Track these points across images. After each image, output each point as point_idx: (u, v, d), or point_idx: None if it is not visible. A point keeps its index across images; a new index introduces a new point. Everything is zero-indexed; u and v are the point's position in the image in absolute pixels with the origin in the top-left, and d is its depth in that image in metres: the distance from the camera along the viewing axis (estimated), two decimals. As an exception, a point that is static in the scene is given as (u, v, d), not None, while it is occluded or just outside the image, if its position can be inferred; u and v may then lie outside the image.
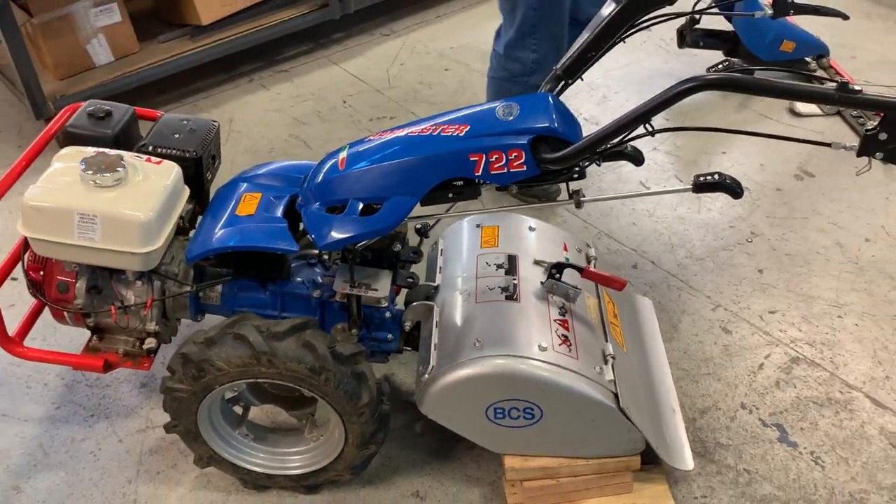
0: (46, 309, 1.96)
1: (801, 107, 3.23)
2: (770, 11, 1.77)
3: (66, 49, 3.13)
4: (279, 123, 3.27)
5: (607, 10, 1.67)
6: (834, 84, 1.31)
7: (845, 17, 1.73)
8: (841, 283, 2.46)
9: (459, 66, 3.64)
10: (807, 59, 3.28)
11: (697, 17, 2.34)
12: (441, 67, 3.64)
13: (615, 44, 1.70)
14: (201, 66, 3.42)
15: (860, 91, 1.29)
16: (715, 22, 3.14)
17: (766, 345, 2.27)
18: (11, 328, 1.87)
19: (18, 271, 1.84)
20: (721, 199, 2.79)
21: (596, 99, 3.32)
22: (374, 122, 3.25)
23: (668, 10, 1.69)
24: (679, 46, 3.18)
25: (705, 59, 3.31)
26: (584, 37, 1.70)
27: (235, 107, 3.38)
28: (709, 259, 2.56)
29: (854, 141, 1.45)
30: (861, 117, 3.13)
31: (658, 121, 1.50)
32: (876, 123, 1.34)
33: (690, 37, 3.15)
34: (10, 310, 1.85)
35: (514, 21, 2.54)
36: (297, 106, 3.39)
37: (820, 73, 3.35)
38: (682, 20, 2.88)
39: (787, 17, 3.34)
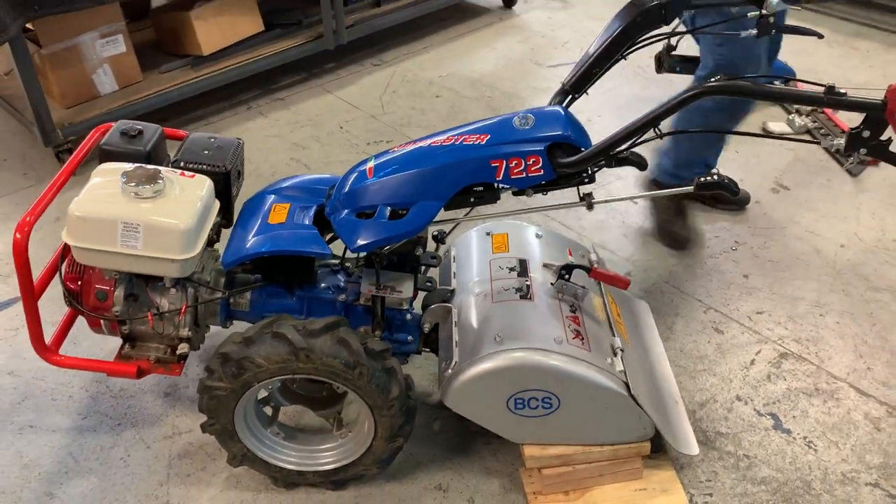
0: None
1: (774, 126, 3.45)
2: (755, 31, 1.95)
3: (73, 78, 3.23)
4: (279, 148, 3.40)
5: (610, 30, 1.84)
6: (822, 88, 1.49)
7: (820, 36, 1.92)
8: (821, 286, 2.63)
9: (450, 93, 3.81)
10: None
11: (674, 43, 2.53)
12: (432, 94, 3.81)
13: (617, 61, 1.87)
14: (202, 94, 3.55)
15: (845, 93, 1.47)
16: (691, 49, 3.34)
17: (756, 342, 2.43)
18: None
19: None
20: (704, 212, 2.97)
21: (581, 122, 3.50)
22: (372, 146, 3.39)
23: (662, 29, 1.87)
24: (657, 72, 3.38)
25: (682, 85, 3.51)
26: (589, 55, 1.87)
27: (236, 133, 3.50)
28: (697, 266, 2.73)
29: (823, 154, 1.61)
30: (829, 135, 3.35)
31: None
32: (860, 123, 1.51)
33: (667, 63, 3.34)
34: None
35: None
36: (295, 131, 3.53)
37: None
38: (660, 46, 3.08)
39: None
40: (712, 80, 1.57)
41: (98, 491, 2.01)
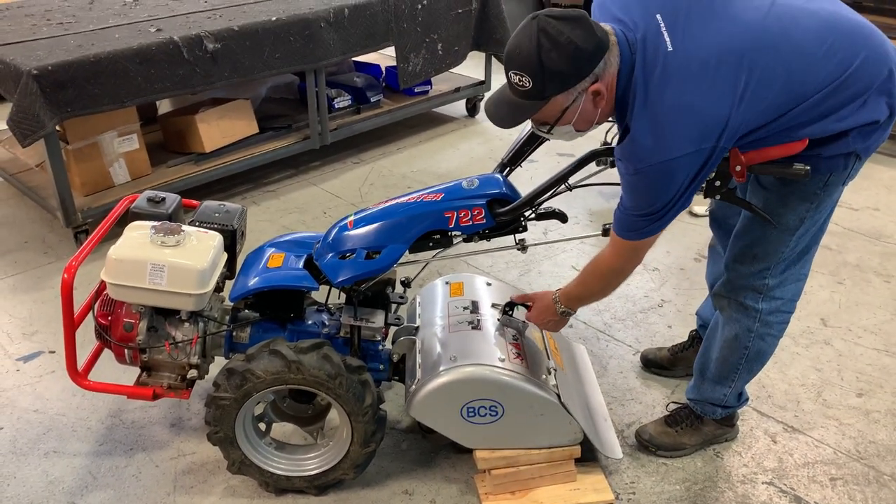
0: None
1: (697, 209, 4.01)
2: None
3: (93, 170, 3.73)
4: (270, 230, 3.88)
5: (536, 117, 2.38)
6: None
7: None
8: (733, 334, 3.10)
9: (420, 185, 4.35)
10: None
11: (609, 141, 3.10)
12: (404, 186, 4.35)
13: (541, 143, 2.39)
14: (202, 185, 4.05)
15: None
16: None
17: (677, 378, 2.86)
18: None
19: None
20: (637, 276, 3.46)
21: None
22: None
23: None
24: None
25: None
26: (520, 138, 2.39)
27: (231, 218, 3.98)
28: (628, 319, 3.19)
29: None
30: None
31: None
32: (713, 176, 2.01)
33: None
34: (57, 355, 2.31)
35: None
36: (284, 217, 4.03)
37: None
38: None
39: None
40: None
41: (114, 500, 2.35)
